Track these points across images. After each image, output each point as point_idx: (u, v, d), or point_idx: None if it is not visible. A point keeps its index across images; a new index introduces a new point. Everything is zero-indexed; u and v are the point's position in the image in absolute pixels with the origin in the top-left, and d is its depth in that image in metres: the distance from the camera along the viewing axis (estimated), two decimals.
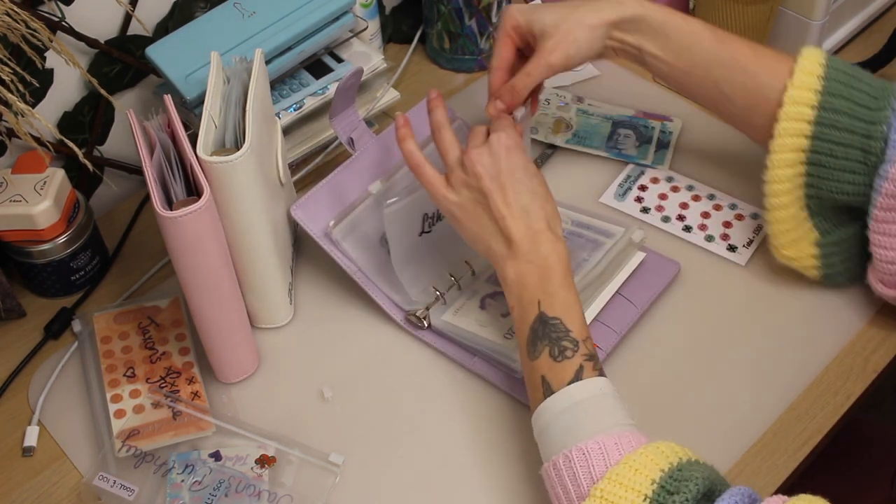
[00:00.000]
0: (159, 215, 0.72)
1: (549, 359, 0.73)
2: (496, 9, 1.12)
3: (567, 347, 0.73)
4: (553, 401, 0.71)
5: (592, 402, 0.71)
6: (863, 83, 0.81)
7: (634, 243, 0.90)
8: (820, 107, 0.81)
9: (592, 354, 0.73)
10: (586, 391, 0.71)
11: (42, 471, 0.83)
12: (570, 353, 0.73)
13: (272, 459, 0.80)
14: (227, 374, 0.87)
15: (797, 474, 0.80)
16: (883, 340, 0.87)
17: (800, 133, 0.81)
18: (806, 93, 0.81)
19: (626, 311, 0.88)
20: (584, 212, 0.93)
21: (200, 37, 0.94)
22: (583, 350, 0.73)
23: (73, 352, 0.90)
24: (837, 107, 0.80)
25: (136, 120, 0.79)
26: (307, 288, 0.95)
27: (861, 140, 0.80)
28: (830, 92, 0.81)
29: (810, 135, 0.81)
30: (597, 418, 0.70)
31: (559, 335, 0.73)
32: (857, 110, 0.80)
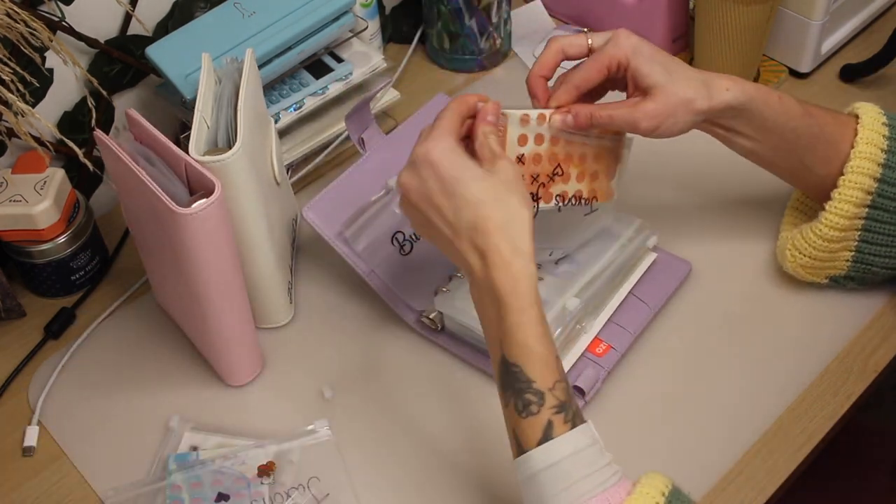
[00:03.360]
0: (175, 213, 0.71)
1: (515, 413, 0.65)
2: (496, 9, 1.12)
3: (531, 402, 0.64)
4: (526, 460, 0.64)
5: (566, 464, 0.63)
6: None
7: (649, 248, 0.90)
8: (884, 165, 0.81)
9: (562, 403, 0.64)
10: (559, 453, 0.63)
11: (42, 471, 0.83)
12: (534, 407, 0.64)
13: (271, 465, 0.80)
14: (237, 377, 0.87)
15: (797, 474, 0.80)
16: (883, 340, 0.87)
17: (870, 173, 0.81)
18: (874, 148, 0.81)
19: (640, 311, 0.88)
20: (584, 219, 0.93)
21: (200, 37, 0.94)
22: (550, 402, 0.64)
23: (73, 352, 0.90)
24: None
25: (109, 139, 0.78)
26: (307, 288, 0.95)
27: None
28: (894, 150, 0.81)
29: (879, 176, 0.82)
30: (574, 484, 0.63)
31: (521, 387, 0.64)
32: None
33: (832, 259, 0.86)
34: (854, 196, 0.82)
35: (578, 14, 1.20)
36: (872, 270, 0.86)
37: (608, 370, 0.84)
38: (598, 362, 0.84)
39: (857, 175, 0.82)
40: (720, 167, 0.98)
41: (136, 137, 0.81)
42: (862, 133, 0.82)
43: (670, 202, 0.99)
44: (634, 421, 0.83)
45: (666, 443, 0.81)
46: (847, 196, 0.82)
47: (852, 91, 1.11)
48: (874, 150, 0.82)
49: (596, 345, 0.85)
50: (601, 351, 0.85)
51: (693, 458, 0.80)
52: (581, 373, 0.83)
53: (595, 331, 0.86)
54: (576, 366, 0.84)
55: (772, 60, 1.13)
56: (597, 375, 0.83)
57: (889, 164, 0.82)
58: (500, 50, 1.17)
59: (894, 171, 0.82)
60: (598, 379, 0.83)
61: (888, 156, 0.82)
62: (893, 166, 0.82)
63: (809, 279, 0.89)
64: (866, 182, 0.82)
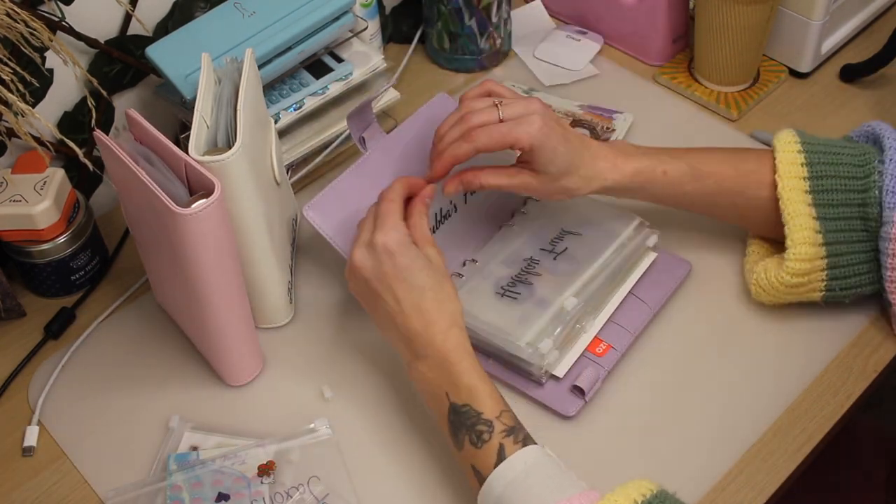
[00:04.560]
0: (174, 213, 0.72)
1: (471, 447, 0.72)
2: (496, 9, 1.12)
3: (483, 431, 0.71)
4: (487, 487, 0.70)
5: (523, 477, 0.69)
6: (844, 155, 0.84)
7: (649, 248, 0.91)
8: (812, 191, 0.83)
9: (511, 428, 0.72)
10: (514, 469, 0.69)
11: (42, 471, 0.83)
12: (486, 435, 0.71)
13: (271, 464, 0.80)
14: (237, 376, 0.87)
15: (797, 474, 0.80)
16: (883, 340, 0.87)
17: (809, 227, 0.83)
18: (795, 181, 0.84)
19: (640, 310, 0.88)
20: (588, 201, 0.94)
21: (200, 37, 0.94)
22: (498, 428, 0.71)
23: (73, 352, 0.90)
24: (827, 186, 0.83)
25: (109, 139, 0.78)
26: (307, 288, 0.95)
27: (858, 210, 0.83)
28: (817, 176, 0.84)
29: (817, 216, 0.83)
30: (531, 495, 0.68)
31: (472, 420, 0.72)
32: (847, 184, 0.83)
33: (800, 296, 0.87)
34: (805, 237, 0.83)
35: (578, 14, 1.20)
36: (843, 293, 0.86)
37: (608, 370, 0.84)
38: (598, 362, 0.84)
39: (793, 205, 0.84)
40: None
41: (135, 137, 0.81)
42: (780, 170, 0.84)
43: None
44: (634, 421, 0.83)
45: (666, 443, 0.81)
46: (798, 239, 0.84)
47: (852, 91, 1.11)
48: (796, 192, 0.84)
49: (596, 344, 0.85)
50: (601, 351, 0.85)
51: (693, 458, 0.80)
52: (581, 372, 0.83)
53: (595, 330, 0.86)
54: (575, 365, 0.84)
55: (772, 60, 1.13)
56: (597, 375, 0.83)
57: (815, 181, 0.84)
58: (500, 50, 1.17)
59: (821, 181, 0.83)
60: (598, 378, 0.83)
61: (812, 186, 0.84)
62: (819, 181, 0.83)
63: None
64: (806, 216, 0.83)
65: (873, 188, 0.82)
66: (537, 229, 0.92)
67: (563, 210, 0.94)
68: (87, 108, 0.97)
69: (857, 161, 0.83)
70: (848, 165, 0.83)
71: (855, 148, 0.85)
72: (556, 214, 0.93)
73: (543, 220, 0.93)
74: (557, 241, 0.91)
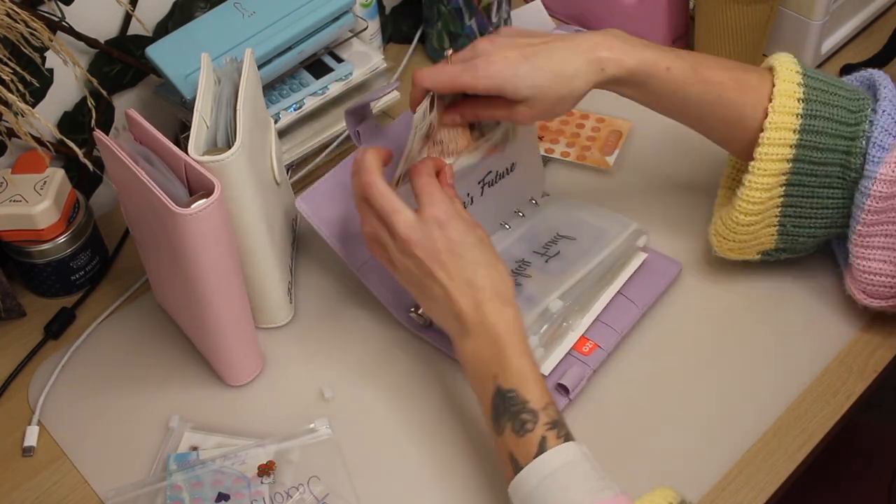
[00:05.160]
0: (174, 214, 0.71)
1: (512, 434, 0.70)
2: (496, 9, 1.12)
3: (527, 420, 0.70)
4: (522, 477, 0.69)
5: (560, 474, 0.68)
6: (840, 97, 0.81)
7: (639, 248, 0.91)
8: (801, 130, 0.80)
9: (555, 421, 0.70)
10: (553, 464, 0.68)
11: (42, 471, 0.83)
12: (530, 425, 0.70)
13: (271, 464, 0.80)
14: (237, 376, 0.87)
15: (797, 474, 0.80)
16: (883, 340, 0.87)
17: (782, 158, 0.81)
18: (788, 117, 0.80)
19: (628, 310, 0.88)
20: (586, 206, 0.94)
21: (200, 37, 0.94)
22: (543, 419, 0.70)
23: (73, 352, 0.90)
24: (819, 128, 0.80)
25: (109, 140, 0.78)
26: (307, 288, 0.95)
27: (841, 157, 0.81)
28: (811, 114, 0.80)
29: (792, 157, 0.81)
30: (568, 492, 0.67)
31: (517, 408, 0.70)
32: (838, 129, 0.80)
33: (757, 237, 0.86)
34: (770, 167, 0.81)
35: (578, 14, 1.20)
36: (800, 241, 0.86)
37: (594, 369, 0.84)
38: (584, 361, 0.84)
39: (771, 146, 0.81)
40: (714, 165, 0.98)
41: (135, 137, 0.81)
42: (776, 97, 0.81)
43: (662, 201, 0.99)
44: (635, 421, 0.83)
45: (666, 442, 0.81)
46: (761, 170, 0.81)
47: None
48: (783, 131, 0.80)
49: (582, 343, 0.85)
50: (587, 350, 0.85)
51: (693, 458, 0.80)
52: (566, 371, 0.83)
53: (582, 329, 0.86)
54: (561, 364, 0.84)
55: None
56: (582, 374, 0.83)
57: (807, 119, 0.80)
58: None
59: (814, 120, 0.80)
60: (584, 377, 0.83)
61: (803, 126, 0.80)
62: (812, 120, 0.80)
63: (742, 258, 0.89)
64: (786, 139, 0.80)
65: (861, 137, 0.80)
66: (532, 232, 0.92)
67: (560, 214, 0.94)
68: (87, 108, 0.97)
69: (852, 106, 0.81)
70: (842, 109, 0.80)
71: (851, 92, 0.82)
72: (552, 218, 0.94)
73: (540, 224, 0.93)
74: (551, 244, 0.91)
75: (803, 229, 0.85)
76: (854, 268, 0.83)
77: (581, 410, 0.83)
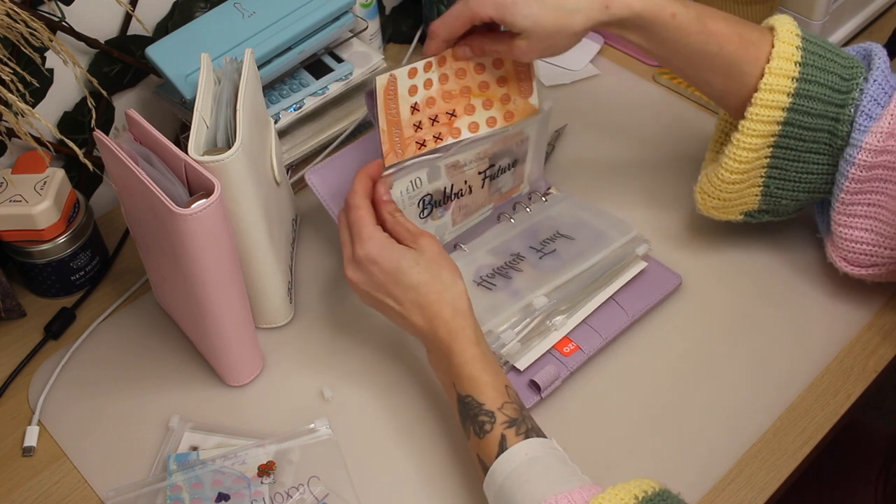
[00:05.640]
0: (174, 214, 0.72)
1: (475, 437, 0.73)
2: None
3: (485, 422, 0.72)
4: (489, 477, 0.71)
5: (523, 469, 0.69)
6: (836, 64, 0.81)
7: (638, 256, 0.90)
8: (795, 94, 0.80)
9: (513, 419, 0.72)
10: (514, 460, 0.70)
11: (42, 471, 0.83)
12: (488, 426, 0.72)
13: (271, 464, 0.80)
14: (237, 377, 0.87)
15: (797, 474, 0.80)
16: (883, 340, 0.87)
17: (772, 120, 0.81)
18: (783, 80, 0.80)
19: (617, 317, 0.88)
20: (592, 207, 0.94)
21: (200, 37, 0.94)
22: (500, 419, 0.72)
23: (73, 352, 0.90)
24: (811, 93, 0.80)
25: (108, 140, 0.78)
26: (307, 288, 0.95)
27: (830, 123, 0.81)
28: (806, 79, 0.80)
29: (782, 121, 0.81)
30: (531, 486, 0.68)
31: (475, 412, 0.73)
32: (830, 95, 0.80)
33: (741, 196, 0.87)
34: (760, 129, 0.81)
35: None
36: (783, 203, 0.87)
37: (571, 370, 0.84)
38: (562, 361, 0.84)
39: (769, 93, 0.80)
40: None
41: (135, 137, 0.81)
42: (774, 59, 0.80)
43: (670, 211, 0.99)
44: (635, 421, 0.83)
45: (666, 442, 0.81)
46: (750, 130, 0.81)
47: None
48: (777, 94, 0.80)
49: (564, 344, 0.85)
50: (568, 351, 0.85)
51: (693, 458, 0.80)
52: (541, 369, 0.83)
53: (566, 330, 0.86)
54: (539, 361, 0.84)
55: None
56: (557, 373, 0.83)
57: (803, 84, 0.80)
58: None
59: (809, 85, 0.80)
60: (558, 377, 0.83)
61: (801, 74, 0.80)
62: (807, 85, 0.80)
63: (725, 218, 0.90)
64: (779, 102, 0.80)
65: (850, 105, 0.80)
66: (533, 228, 0.93)
67: (564, 213, 0.94)
68: (87, 108, 0.97)
69: (846, 74, 0.81)
70: (836, 76, 0.81)
71: (847, 59, 0.82)
72: (556, 216, 0.94)
73: (543, 221, 0.93)
74: (549, 241, 0.91)
75: (787, 192, 0.86)
76: (836, 235, 0.84)
77: (582, 410, 0.83)
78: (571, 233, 0.91)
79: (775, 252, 0.94)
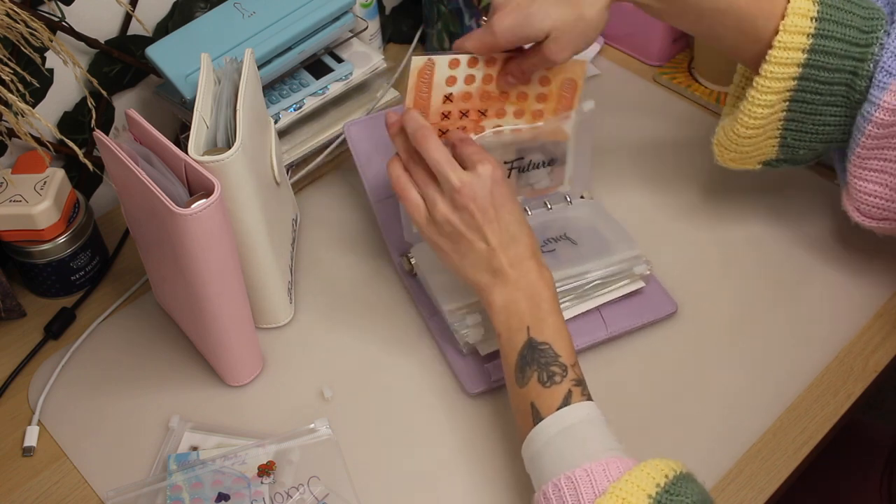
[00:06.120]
0: (174, 214, 0.72)
1: (537, 384, 0.73)
2: None
3: (556, 373, 0.73)
4: (542, 427, 0.71)
5: (581, 427, 0.70)
6: (855, 16, 0.79)
7: (636, 275, 0.89)
8: (811, 50, 0.79)
9: (580, 380, 0.73)
10: (575, 416, 0.71)
11: (42, 471, 0.83)
12: (558, 378, 0.72)
13: (271, 464, 0.80)
14: (237, 377, 0.87)
15: (797, 474, 0.80)
16: (883, 340, 0.87)
17: (787, 76, 0.81)
18: (798, 37, 0.79)
19: (595, 329, 0.87)
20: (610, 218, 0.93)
21: (200, 37, 0.94)
22: (571, 375, 0.73)
23: (73, 352, 0.91)
24: (828, 48, 0.79)
25: (108, 140, 0.78)
26: (307, 288, 0.95)
27: (847, 77, 0.80)
28: (822, 34, 0.79)
29: (798, 76, 0.80)
30: (585, 444, 0.69)
31: (548, 360, 0.73)
32: (848, 49, 0.79)
33: (758, 148, 0.87)
34: (774, 86, 0.81)
35: None
36: (800, 153, 0.86)
37: None
38: None
39: (783, 50, 0.80)
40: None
41: (135, 137, 0.81)
42: (789, 15, 0.79)
43: (670, 211, 0.99)
44: (635, 421, 0.83)
45: (667, 442, 0.81)
46: (765, 87, 0.81)
47: None
48: (792, 52, 0.80)
49: None
50: None
51: (693, 458, 0.80)
52: None
53: None
54: None
55: None
56: None
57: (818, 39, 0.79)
58: None
59: (825, 40, 0.79)
60: None
61: (817, 30, 0.79)
62: (823, 40, 0.79)
63: (743, 168, 0.90)
64: (794, 59, 0.80)
65: (869, 60, 0.79)
66: (545, 225, 0.92)
67: (580, 217, 0.93)
68: (87, 108, 0.97)
69: (865, 26, 0.79)
70: (854, 29, 0.79)
71: (867, 10, 0.80)
72: (570, 219, 0.93)
73: (557, 221, 0.92)
74: (552, 241, 0.90)
75: (804, 143, 0.85)
76: (851, 186, 0.84)
77: None
78: (577, 237, 0.91)
79: (776, 251, 0.94)
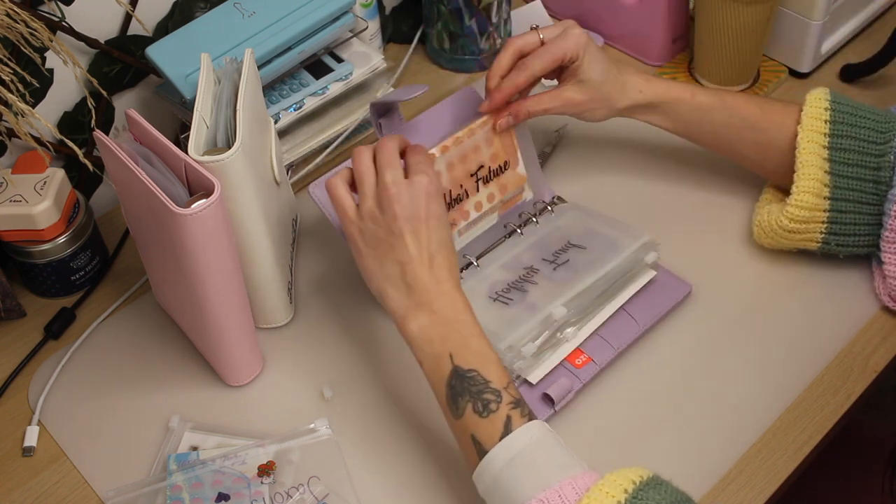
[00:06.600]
0: (174, 214, 0.72)
1: (474, 415, 0.69)
2: (496, 9, 1.12)
3: (490, 400, 0.69)
4: (488, 460, 0.68)
5: (527, 453, 0.67)
6: (868, 119, 0.86)
7: (647, 264, 0.89)
8: (830, 147, 0.86)
9: (518, 400, 0.70)
10: (520, 442, 0.67)
11: (42, 471, 0.83)
12: (494, 405, 0.69)
13: (271, 464, 0.80)
14: (237, 376, 0.87)
15: (797, 474, 0.80)
16: (883, 340, 0.87)
17: (817, 178, 0.86)
18: (816, 135, 0.86)
19: (628, 327, 0.87)
20: (601, 215, 0.94)
21: (200, 37, 0.94)
22: (506, 399, 0.69)
23: (73, 352, 0.91)
24: (846, 146, 0.86)
25: (108, 140, 0.78)
26: (307, 288, 0.95)
27: (872, 173, 0.85)
28: (837, 134, 0.86)
29: (828, 171, 0.86)
30: (535, 471, 0.66)
31: (479, 388, 0.70)
32: (865, 146, 0.85)
33: (799, 241, 0.90)
34: (811, 186, 0.86)
35: (578, 14, 1.20)
36: (838, 250, 0.90)
37: (584, 382, 0.83)
38: (574, 373, 0.83)
39: (807, 155, 0.86)
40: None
41: (135, 137, 0.81)
42: (804, 120, 0.87)
43: (671, 211, 1.00)
44: (636, 420, 0.83)
45: (667, 442, 0.81)
46: (804, 187, 0.87)
47: (852, 91, 1.11)
48: (813, 144, 0.86)
49: (576, 356, 0.84)
50: (580, 363, 0.84)
51: (693, 458, 0.80)
52: (554, 381, 0.82)
53: (577, 342, 0.85)
54: (552, 374, 0.83)
55: (772, 60, 1.13)
56: (570, 386, 0.82)
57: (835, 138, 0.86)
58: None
59: (840, 152, 0.86)
60: (571, 390, 0.82)
61: (831, 143, 0.86)
62: (839, 139, 0.86)
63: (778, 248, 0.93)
64: (818, 168, 0.86)
65: (890, 153, 0.85)
66: (544, 240, 0.92)
67: (574, 223, 0.93)
68: (87, 108, 0.97)
69: (881, 127, 0.86)
70: (870, 130, 0.86)
71: (881, 115, 0.87)
72: (565, 227, 0.93)
73: (553, 233, 0.92)
74: (561, 252, 0.90)
75: (846, 241, 0.89)
76: (885, 273, 0.87)
77: (581, 410, 0.83)
78: (583, 242, 0.91)
79: (775, 251, 0.94)
